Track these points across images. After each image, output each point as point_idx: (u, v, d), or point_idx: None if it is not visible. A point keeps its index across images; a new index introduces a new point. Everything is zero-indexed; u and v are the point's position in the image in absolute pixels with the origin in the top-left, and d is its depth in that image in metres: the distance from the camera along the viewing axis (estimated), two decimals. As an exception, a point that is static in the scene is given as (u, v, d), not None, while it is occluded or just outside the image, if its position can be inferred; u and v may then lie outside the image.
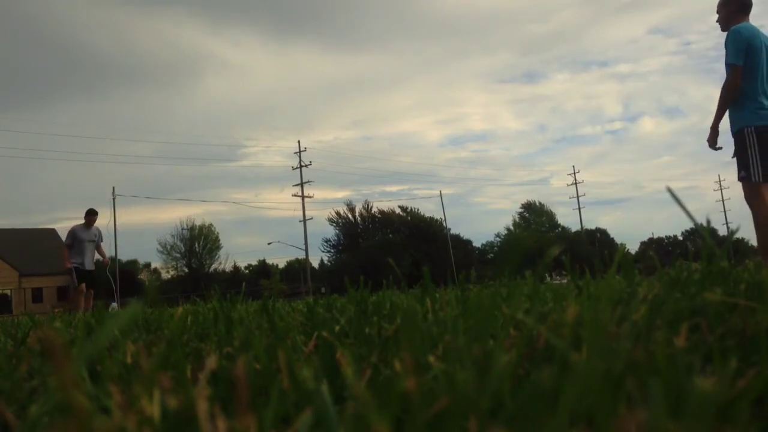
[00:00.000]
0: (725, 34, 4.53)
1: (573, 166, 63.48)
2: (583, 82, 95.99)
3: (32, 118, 69.07)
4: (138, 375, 0.62)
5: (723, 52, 4.40)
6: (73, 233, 9.72)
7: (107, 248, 9.61)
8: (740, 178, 4.26)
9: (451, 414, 0.45)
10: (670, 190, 0.81)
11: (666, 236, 71.16)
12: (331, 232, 54.27)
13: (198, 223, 53.97)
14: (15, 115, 66.25)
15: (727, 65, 4.22)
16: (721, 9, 4.53)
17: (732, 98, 4.22)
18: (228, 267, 55.45)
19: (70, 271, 9.51)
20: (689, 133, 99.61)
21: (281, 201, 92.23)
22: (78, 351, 0.47)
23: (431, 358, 0.62)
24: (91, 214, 9.84)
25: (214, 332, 1.14)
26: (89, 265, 9.64)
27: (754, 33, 4.26)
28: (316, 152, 69.93)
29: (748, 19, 4.43)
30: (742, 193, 4.37)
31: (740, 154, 4.24)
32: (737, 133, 4.27)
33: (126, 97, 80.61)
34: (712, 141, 4.47)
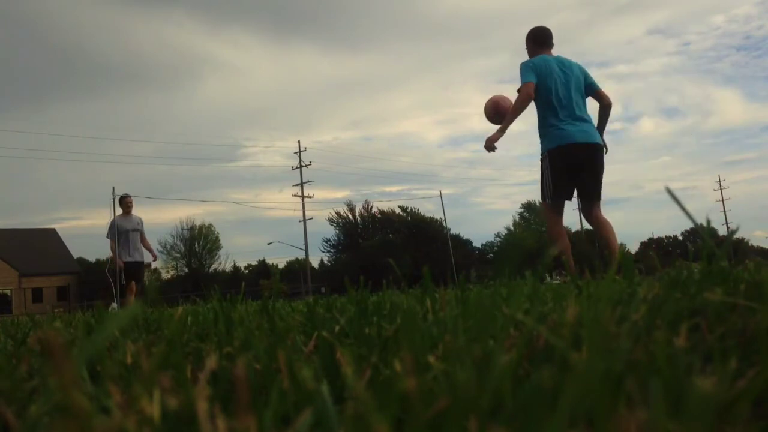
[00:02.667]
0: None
1: (573, 166, 63.30)
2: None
3: (32, 118, 69.08)
4: (138, 375, 0.62)
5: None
6: (114, 225, 8.98)
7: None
8: (541, 201, 4.71)
9: (451, 414, 0.45)
10: (669, 191, 0.81)
11: (666, 236, 71.15)
12: (331, 232, 54.33)
13: (198, 223, 54.05)
14: (15, 115, 66.28)
15: (522, 85, 4.59)
16: (526, 45, 4.95)
17: (522, 108, 4.55)
18: (228, 267, 55.51)
19: (120, 268, 8.74)
20: (689, 134, 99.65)
21: (281, 201, 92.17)
22: (78, 351, 0.47)
23: (431, 358, 0.62)
24: (126, 198, 9.07)
25: (214, 332, 1.14)
26: (137, 257, 8.91)
27: (546, 61, 4.67)
28: (315, 152, 69.95)
29: (550, 52, 4.84)
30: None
31: (540, 179, 4.64)
32: (540, 159, 4.66)
33: (126, 97, 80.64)
34: (492, 144, 4.71)
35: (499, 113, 4.87)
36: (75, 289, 47.09)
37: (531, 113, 4.98)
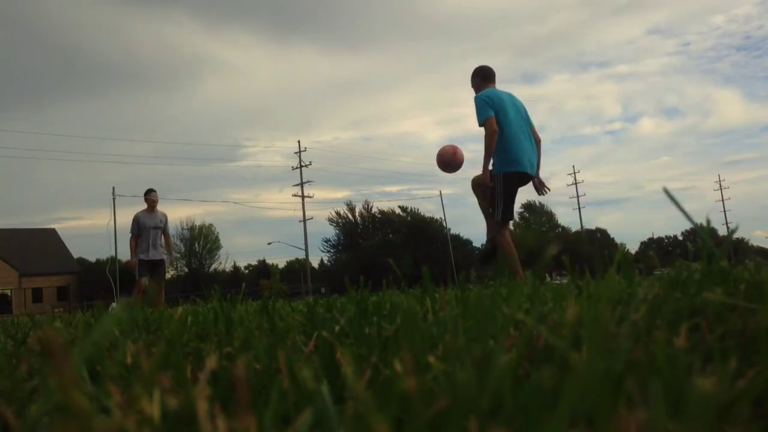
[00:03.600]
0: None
1: (573, 166, 63.44)
2: (582, 82, 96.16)
3: (32, 118, 69.07)
4: (138, 375, 0.62)
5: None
6: (137, 220, 8.51)
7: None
8: (488, 216, 5.14)
9: (451, 414, 0.45)
10: (666, 191, 0.81)
11: (666, 236, 71.17)
12: (331, 232, 54.30)
13: (198, 223, 53.99)
14: (15, 115, 66.25)
15: (481, 122, 5.01)
16: (472, 81, 5.40)
17: (494, 144, 4.98)
18: (228, 267, 55.47)
19: (135, 265, 8.41)
20: (688, 134, 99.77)
21: (281, 201, 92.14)
22: (78, 351, 0.47)
23: (431, 358, 0.62)
24: (150, 193, 8.60)
25: (214, 332, 1.14)
26: (156, 255, 8.50)
27: (496, 94, 5.10)
28: (315, 152, 69.83)
29: (495, 86, 5.30)
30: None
31: (491, 194, 5.10)
32: (493, 177, 5.11)
33: (126, 97, 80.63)
34: (487, 178, 5.13)
35: (450, 167, 5.42)
36: (75, 289, 47.08)
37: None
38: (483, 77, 5.33)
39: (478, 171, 5.27)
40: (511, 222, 5.26)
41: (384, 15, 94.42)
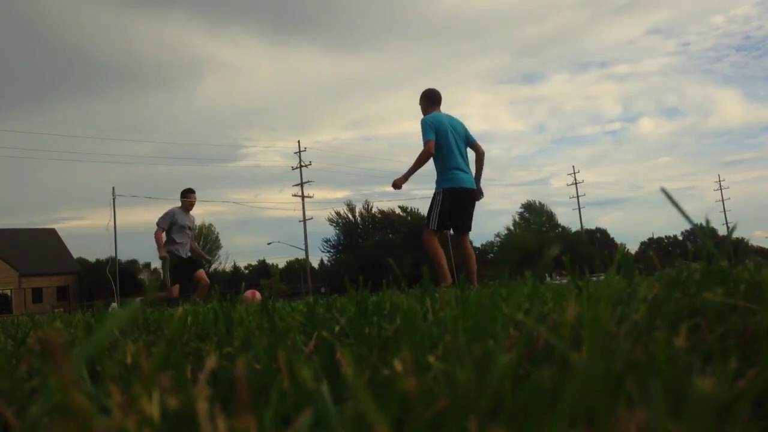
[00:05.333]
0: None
1: (573, 166, 63.41)
2: (582, 82, 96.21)
3: (32, 118, 69.08)
4: (138, 375, 0.62)
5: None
6: (172, 216, 8.14)
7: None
8: (424, 225, 5.81)
9: (451, 414, 0.45)
10: (665, 192, 0.81)
11: (666, 236, 71.17)
12: (331, 232, 54.27)
13: (198, 223, 53.91)
14: (15, 115, 66.25)
15: (424, 141, 5.70)
16: (420, 103, 6.03)
17: (424, 162, 5.73)
18: (228, 267, 55.45)
19: (164, 260, 8.12)
20: (688, 134, 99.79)
21: (281, 201, 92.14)
22: (78, 351, 0.47)
23: (431, 358, 0.62)
24: (189, 194, 8.32)
25: (214, 332, 1.14)
26: (186, 254, 8.22)
27: (439, 119, 5.78)
28: (315, 152, 69.93)
29: (439, 109, 5.94)
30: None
31: (430, 207, 5.77)
32: (434, 193, 5.77)
33: (126, 97, 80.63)
34: (400, 184, 5.91)
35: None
36: (75, 289, 47.08)
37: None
38: (429, 101, 5.96)
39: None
40: (455, 233, 5.91)
41: (384, 15, 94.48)
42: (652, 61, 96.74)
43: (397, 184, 5.92)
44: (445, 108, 6.09)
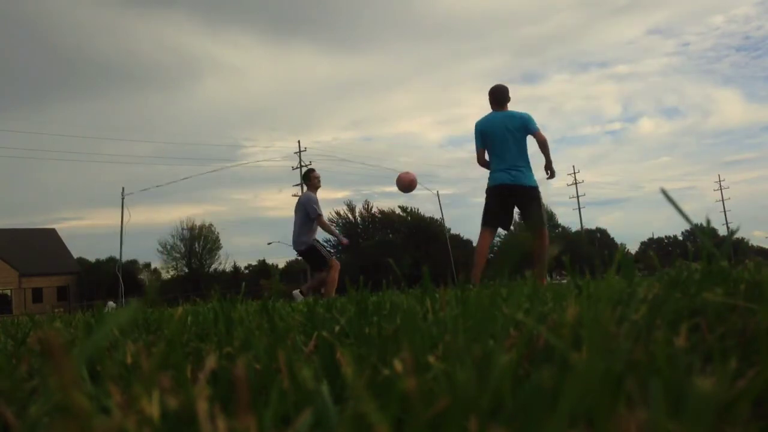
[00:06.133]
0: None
1: (573, 166, 63.34)
2: (582, 82, 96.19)
3: (32, 118, 69.00)
4: (138, 375, 0.62)
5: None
6: (316, 199, 7.98)
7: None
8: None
9: (451, 414, 0.45)
10: (664, 192, 0.81)
11: (666, 236, 71.19)
12: (331, 232, 54.17)
13: (198, 223, 53.96)
14: (15, 115, 66.23)
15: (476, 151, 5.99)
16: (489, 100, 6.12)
17: (483, 166, 5.97)
18: (228, 267, 55.43)
19: (317, 245, 7.87)
20: (688, 134, 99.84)
21: (281, 201, 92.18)
22: (78, 351, 0.47)
23: (431, 358, 0.62)
24: (314, 171, 8.21)
25: (214, 332, 1.14)
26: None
27: (487, 121, 5.91)
28: (315, 152, 69.99)
29: (501, 107, 5.96)
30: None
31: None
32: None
33: (126, 97, 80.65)
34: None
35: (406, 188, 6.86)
36: (75, 289, 47.09)
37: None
38: (491, 99, 6.03)
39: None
40: (499, 228, 6.02)
41: (383, 15, 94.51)
42: (652, 61, 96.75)
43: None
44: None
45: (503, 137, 5.83)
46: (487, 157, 5.98)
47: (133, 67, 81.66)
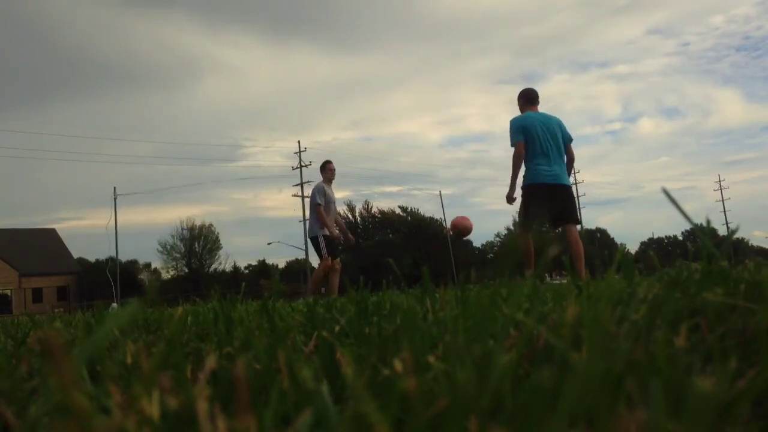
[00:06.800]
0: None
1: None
2: (582, 82, 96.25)
3: (32, 118, 69.01)
4: (138, 375, 0.62)
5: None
6: (322, 190, 7.73)
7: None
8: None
9: (451, 414, 0.45)
10: (665, 192, 0.81)
11: (666, 236, 71.20)
12: (330, 232, 54.15)
13: (198, 223, 53.96)
14: (15, 115, 66.22)
15: (511, 144, 5.85)
16: (518, 102, 6.13)
17: (519, 164, 5.84)
18: (228, 267, 55.42)
19: (316, 237, 7.59)
20: (688, 134, 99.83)
21: (281, 201, 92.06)
22: (78, 351, 0.47)
23: (431, 358, 0.62)
24: (330, 163, 7.95)
25: (214, 332, 1.14)
26: (336, 233, 7.69)
27: (528, 117, 5.88)
28: (315, 152, 69.81)
29: (536, 108, 6.02)
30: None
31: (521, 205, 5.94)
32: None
33: (126, 97, 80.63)
34: (510, 196, 6.01)
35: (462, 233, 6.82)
36: (75, 289, 47.08)
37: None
38: (526, 99, 6.07)
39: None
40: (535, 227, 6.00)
41: (383, 15, 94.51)
42: (652, 61, 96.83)
43: (508, 198, 6.03)
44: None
45: (545, 135, 5.84)
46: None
47: (133, 67, 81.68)
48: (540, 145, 5.79)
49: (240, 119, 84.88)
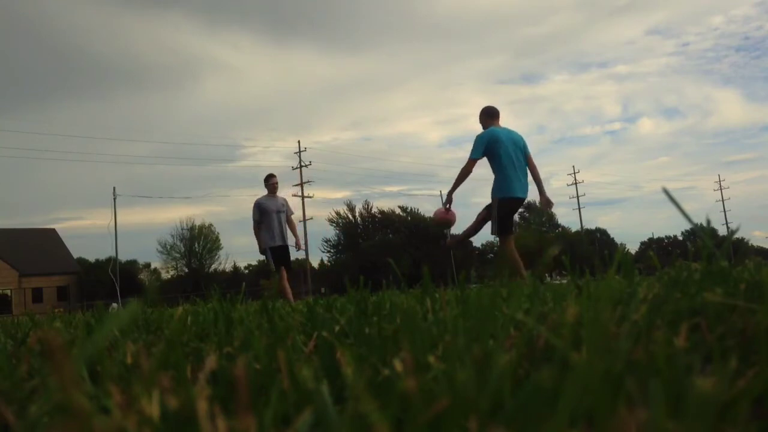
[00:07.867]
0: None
1: (573, 166, 63.34)
2: (582, 82, 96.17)
3: (32, 118, 68.99)
4: (138, 375, 0.62)
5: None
6: (259, 206, 8.09)
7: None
8: (492, 232, 6.16)
9: (451, 414, 0.45)
10: (666, 191, 0.81)
11: (666, 236, 71.21)
12: (331, 232, 54.25)
13: (198, 223, 53.95)
14: (15, 115, 66.21)
15: (469, 159, 6.11)
16: (480, 119, 6.36)
17: (464, 179, 6.17)
18: (228, 267, 55.43)
19: (264, 252, 7.96)
20: (688, 134, 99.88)
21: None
22: (78, 351, 0.47)
23: (431, 358, 0.62)
24: (271, 178, 8.24)
25: (214, 332, 1.14)
26: (281, 240, 8.02)
27: (495, 132, 6.13)
28: (315, 153, 70.05)
29: (498, 123, 6.27)
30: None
31: (493, 214, 6.08)
32: (492, 200, 6.15)
33: (126, 98, 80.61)
34: (447, 203, 6.35)
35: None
36: (75, 289, 47.08)
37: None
38: (488, 115, 6.29)
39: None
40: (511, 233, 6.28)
41: (383, 16, 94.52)
42: (652, 61, 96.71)
43: (445, 205, 6.38)
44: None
45: (514, 149, 6.13)
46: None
47: (133, 68, 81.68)
48: (510, 158, 6.09)
49: (240, 119, 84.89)
